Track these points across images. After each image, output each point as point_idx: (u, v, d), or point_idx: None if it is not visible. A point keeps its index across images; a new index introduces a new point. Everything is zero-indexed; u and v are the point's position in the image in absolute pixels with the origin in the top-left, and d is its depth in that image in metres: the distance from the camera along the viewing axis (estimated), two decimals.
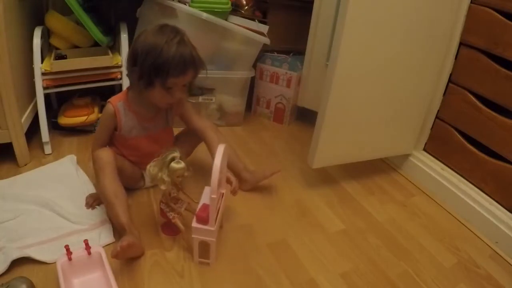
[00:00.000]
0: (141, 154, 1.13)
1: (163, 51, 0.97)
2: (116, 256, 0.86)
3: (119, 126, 1.08)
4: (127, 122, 1.08)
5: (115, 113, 1.06)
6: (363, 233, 1.16)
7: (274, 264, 1.00)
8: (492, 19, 1.13)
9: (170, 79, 0.99)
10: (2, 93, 1.12)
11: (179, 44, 0.99)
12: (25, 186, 1.16)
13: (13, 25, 1.21)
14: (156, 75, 0.99)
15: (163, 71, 0.98)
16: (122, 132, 1.09)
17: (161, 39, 0.98)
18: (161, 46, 0.97)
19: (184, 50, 0.99)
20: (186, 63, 0.99)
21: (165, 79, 0.99)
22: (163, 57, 0.97)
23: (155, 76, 0.99)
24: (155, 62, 0.97)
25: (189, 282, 0.92)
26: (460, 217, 1.27)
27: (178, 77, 1.00)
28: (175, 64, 0.98)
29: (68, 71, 1.31)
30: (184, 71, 1.00)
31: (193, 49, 1.02)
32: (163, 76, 0.99)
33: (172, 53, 0.97)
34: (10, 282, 0.81)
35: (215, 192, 0.85)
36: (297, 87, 1.71)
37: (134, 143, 1.12)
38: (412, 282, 1.00)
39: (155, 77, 0.99)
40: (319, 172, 1.41)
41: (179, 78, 1.01)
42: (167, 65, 0.97)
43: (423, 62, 1.25)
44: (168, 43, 0.98)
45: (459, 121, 1.29)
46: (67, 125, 1.44)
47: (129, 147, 1.12)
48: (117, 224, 0.98)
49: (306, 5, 1.55)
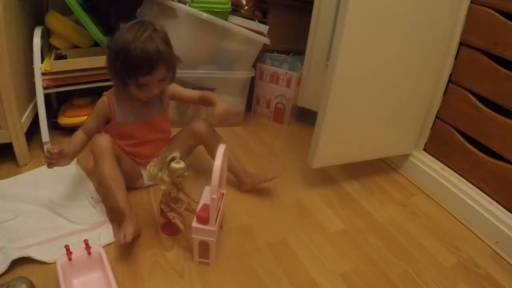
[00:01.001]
0: (138, 143, 1.15)
1: (129, 51, 0.97)
2: (121, 246, 0.94)
3: (113, 114, 1.10)
4: (121, 110, 1.10)
5: (109, 104, 1.09)
6: (363, 233, 1.16)
7: (274, 264, 1.00)
8: (492, 19, 1.13)
9: (140, 78, 1.00)
10: (2, 93, 1.12)
11: (145, 41, 0.97)
12: (25, 186, 1.16)
13: (13, 25, 1.21)
14: (127, 76, 1.00)
15: (131, 71, 0.99)
16: (116, 119, 1.10)
17: (128, 38, 0.98)
18: (128, 46, 0.97)
19: (150, 47, 0.97)
20: (153, 61, 0.98)
21: (136, 79, 1.00)
22: (129, 58, 0.97)
23: (127, 76, 1.00)
24: (123, 63, 0.99)
25: (189, 282, 0.92)
26: (460, 217, 1.27)
27: (147, 76, 1.00)
28: (141, 64, 0.98)
29: (68, 71, 1.31)
30: (152, 69, 1.00)
31: (163, 44, 1.00)
32: (133, 76, 1.00)
33: (138, 52, 0.96)
34: (10, 282, 0.81)
35: (215, 192, 0.85)
36: (297, 87, 1.71)
37: (129, 130, 1.13)
38: (412, 282, 1.00)
39: (127, 78, 1.00)
40: (319, 172, 1.41)
41: (148, 76, 1.01)
42: (133, 65, 0.98)
43: (423, 62, 1.25)
44: (134, 42, 0.97)
45: (459, 121, 1.29)
46: (67, 125, 1.44)
47: (124, 136, 1.13)
48: (117, 208, 1.01)
49: (306, 5, 1.55)
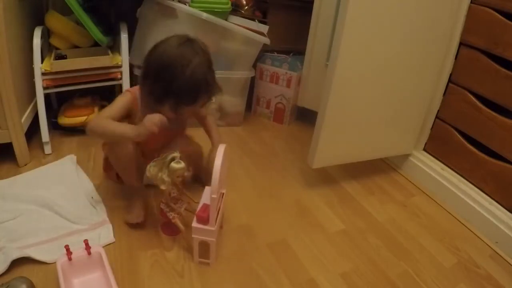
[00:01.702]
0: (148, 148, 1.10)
1: (176, 77, 0.91)
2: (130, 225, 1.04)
3: (136, 112, 1.04)
4: (144, 111, 1.04)
5: (133, 100, 1.03)
6: (363, 233, 1.16)
7: (274, 264, 1.00)
8: (492, 19, 1.13)
9: (180, 106, 0.97)
10: (2, 93, 1.12)
11: (195, 69, 0.92)
12: (25, 186, 1.16)
13: (13, 25, 1.21)
14: (166, 98, 0.95)
15: (173, 97, 0.94)
16: (136, 120, 1.04)
17: (177, 59, 0.92)
18: (175, 70, 0.91)
19: (200, 76, 0.93)
20: (199, 92, 0.95)
21: (175, 105, 0.96)
22: (174, 84, 0.92)
23: (165, 98, 0.95)
24: (167, 86, 0.93)
25: (189, 282, 0.92)
26: (460, 217, 1.27)
27: (189, 106, 0.97)
28: (187, 94, 0.94)
29: (68, 71, 1.31)
30: (196, 99, 0.96)
31: (210, 73, 0.96)
32: (173, 102, 0.95)
33: (186, 82, 0.91)
34: (10, 282, 0.81)
35: (215, 192, 0.86)
36: (297, 87, 1.71)
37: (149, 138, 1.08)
38: (412, 282, 1.00)
39: (164, 98, 0.95)
40: (319, 172, 1.41)
41: (190, 106, 0.97)
42: (178, 93, 0.93)
43: (423, 62, 1.25)
44: (184, 67, 0.91)
45: (459, 121, 1.29)
46: (67, 125, 1.44)
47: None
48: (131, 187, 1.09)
49: (306, 5, 1.55)
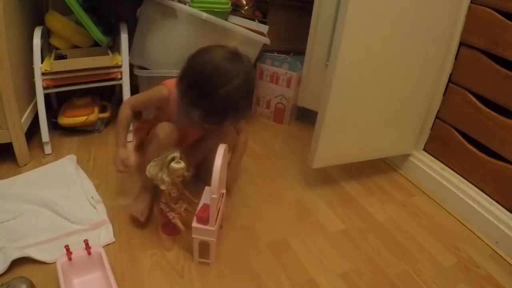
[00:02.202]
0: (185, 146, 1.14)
1: (211, 93, 0.90)
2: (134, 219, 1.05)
3: (171, 109, 1.05)
4: (179, 116, 1.05)
5: (168, 97, 1.04)
6: (363, 233, 1.16)
7: (274, 264, 1.00)
8: (492, 19, 1.13)
9: (206, 122, 0.98)
10: (2, 93, 1.12)
11: (230, 92, 0.90)
12: (25, 186, 1.16)
13: (13, 25, 1.21)
14: (200, 108, 0.95)
15: (201, 111, 0.94)
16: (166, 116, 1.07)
17: (217, 75, 0.90)
18: (212, 85, 0.90)
19: (233, 101, 0.92)
20: (227, 116, 0.95)
21: (202, 119, 0.96)
22: (208, 99, 0.91)
23: (199, 108, 0.95)
24: (199, 97, 0.92)
25: (189, 282, 0.92)
26: (460, 217, 1.27)
27: (217, 124, 0.99)
28: (215, 114, 0.94)
29: (68, 71, 1.31)
30: (222, 122, 0.98)
31: (245, 97, 0.95)
32: (201, 115, 0.95)
33: (218, 101, 0.91)
34: (10, 282, 0.81)
35: (215, 192, 0.86)
36: (297, 87, 1.71)
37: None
38: (412, 282, 1.00)
39: (198, 109, 0.95)
40: (319, 172, 1.41)
41: (218, 123, 0.99)
42: (207, 110, 0.93)
43: (423, 62, 1.25)
44: (221, 86, 0.89)
45: (459, 121, 1.29)
46: (67, 125, 1.44)
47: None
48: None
49: (306, 5, 1.55)
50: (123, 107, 1.08)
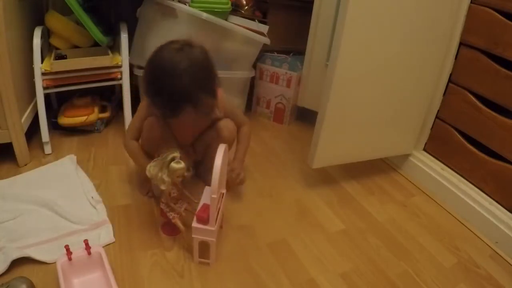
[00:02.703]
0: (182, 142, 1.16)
1: (159, 83, 0.90)
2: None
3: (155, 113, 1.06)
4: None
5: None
6: (363, 233, 1.16)
7: (274, 264, 1.00)
8: (492, 19, 1.13)
9: (167, 115, 0.97)
10: (2, 93, 1.12)
11: (175, 76, 0.88)
12: (25, 186, 1.16)
13: (13, 25, 1.21)
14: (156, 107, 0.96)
15: (157, 108, 0.95)
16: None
17: (164, 69, 0.90)
18: (158, 76, 0.90)
19: (178, 87, 0.89)
20: (179, 105, 0.91)
21: (161, 112, 0.97)
22: (157, 96, 0.92)
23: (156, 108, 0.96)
24: (151, 98, 0.94)
25: (189, 282, 0.92)
26: (460, 217, 1.27)
27: (172, 118, 0.95)
28: (167, 107, 0.93)
29: (68, 71, 1.31)
30: (176, 112, 0.92)
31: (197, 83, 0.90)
32: (159, 113, 0.97)
33: (166, 90, 0.90)
34: (10, 282, 0.81)
35: (215, 192, 0.85)
36: (297, 87, 1.71)
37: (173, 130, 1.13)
38: (412, 282, 1.00)
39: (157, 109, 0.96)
40: (319, 172, 1.41)
41: (172, 116, 0.94)
42: (160, 106, 0.94)
43: (423, 62, 1.25)
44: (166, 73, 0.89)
45: (459, 121, 1.29)
46: (67, 125, 1.44)
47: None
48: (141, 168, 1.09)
49: (306, 5, 1.55)
50: (126, 143, 1.13)
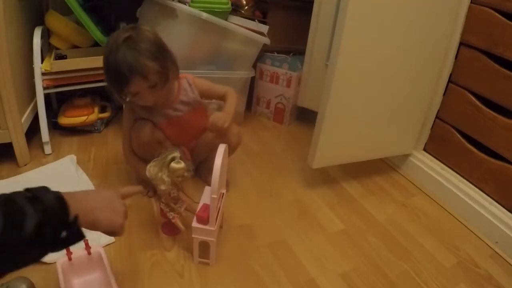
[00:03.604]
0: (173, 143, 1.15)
1: (107, 62, 0.96)
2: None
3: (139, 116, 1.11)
4: (146, 111, 1.10)
5: (131, 108, 1.11)
6: (363, 233, 1.16)
7: (274, 264, 1.00)
8: (492, 19, 1.13)
9: (121, 90, 0.99)
10: (2, 93, 1.12)
11: (117, 52, 0.93)
12: (25, 186, 1.15)
13: (13, 25, 1.21)
14: (111, 87, 1.00)
15: (110, 83, 0.99)
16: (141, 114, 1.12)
17: (108, 48, 0.96)
18: (106, 57, 0.96)
19: (123, 57, 0.93)
20: (123, 74, 0.93)
21: (118, 90, 1.00)
22: (106, 69, 0.98)
23: (111, 88, 1.01)
24: (104, 74, 0.99)
25: (189, 282, 0.92)
26: (460, 217, 1.27)
27: (124, 88, 0.97)
28: (114, 76, 0.96)
29: (68, 71, 1.31)
30: (125, 81, 0.95)
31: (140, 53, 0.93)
32: (113, 88, 1.00)
33: (111, 64, 0.95)
34: (10, 282, 0.81)
35: (215, 192, 0.86)
36: (297, 87, 1.71)
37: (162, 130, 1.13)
38: (412, 282, 1.00)
39: (113, 89, 1.01)
40: (319, 172, 1.41)
41: (127, 88, 0.97)
42: (109, 77, 0.98)
43: (423, 62, 1.25)
44: (111, 52, 0.94)
45: (459, 121, 1.29)
46: (67, 125, 1.44)
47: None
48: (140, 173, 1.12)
49: (306, 5, 1.55)
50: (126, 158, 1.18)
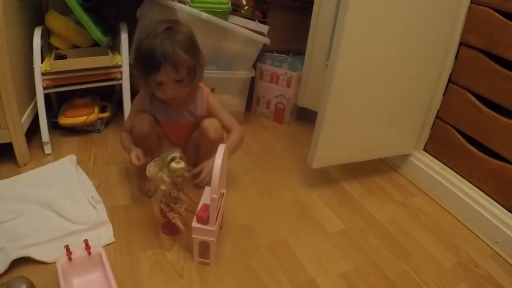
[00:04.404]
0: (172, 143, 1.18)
1: (140, 48, 0.97)
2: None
3: (146, 108, 1.13)
4: (153, 106, 1.12)
5: (143, 97, 1.13)
6: (363, 233, 1.16)
7: (274, 264, 1.00)
8: (492, 19, 1.13)
9: (149, 76, 0.99)
10: (2, 93, 1.12)
11: (155, 38, 0.94)
12: (25, 186, 1.16)
13: (13, 25, 1.21)
14: (140, 73, 1.01)
15: (140, 68, 1.00)
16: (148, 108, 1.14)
17: (143, 35, 0.97)
18: (140, 43, 0.97)
19: (160, 44, 0.94)
20: (156, 60, 0.95)
21: (146, 76, 1.00)
22: (139, 55, 0.97)
23: (140, 73, 1.01)
24: (136, 58, 0.99)
25: (189, 282, 0.92)
26: (460, 217, 1.27)
27: (153, 74, 0.98)
28: (146, 61, 0.96)
29: (68, 71, 1.31)
30: (156, 68, 0.96)
31: (177, 44, 0.96)
32: (142, 73, 1.00)
33: (145, 50, 0.95)
34: (10, 282, 0.81)
35: (215, 192, 0.85)
36: (297, 87, 1.71)
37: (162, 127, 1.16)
38: (412, 282, 1.00)
39: (141, 74, 1.01)
40: (319, 172, 1.41)
41: (155, 75, 0.98)
42: (141, 61, 0.98)
43: (423, 62, 1.25)
44: (148, 37, 0.95)
45: (459, 121, 1.29)
46: (67, 125, 1.44)
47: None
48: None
49: (306, 5, 1.55)
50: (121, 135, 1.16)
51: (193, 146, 1.22)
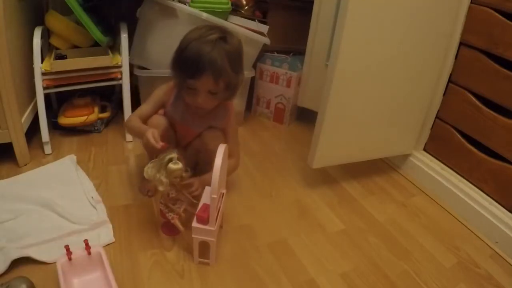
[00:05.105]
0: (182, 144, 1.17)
1: (187, 48, 0.94)
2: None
3: (167, 103, 1.10)
4: (174, 104, 1.10)
5: (168, 91, 1.10)
6: (363, 233, 1.16)
7: (274, 264, 1.00)
8: (492, 19, 1.13)
9: (187, 79, 0.97)
10: (2, 93, 1.12)
11: (206, 44, 0.92)
12: (25, 186, 1.16)
13: (13, 25, 1.21)
14: (178, 71, 0.99)
15: (180, 68, 0.98)
16: (167, 109, 1.11)
17: (194, 35, 0.95)
18: (188, 43, 0.95)
19: (207, 51, 0.92)
20: (201, 66, 0.93)
21: (183, 77, 0.98)
22: (183, 54, 0.95)
23: (178, 72, 0.99)
24: (178, 55, 0.98)
25: (189, 282, 0.92)
26: (460, 217, 1.27)
27: (193, 78, 0.96)
28: (190, 63, 0.94)
29: (68, 71, 1.31)
30: (197, 73, 0.94)
31: (220, 53, 0.93)
32: (181, 73, 0.98)
33: (192, 52, 0.93)
34: (10, 282, 0.81)
35: (215, 192, 0.85)
36: (297, 87, 1.71)
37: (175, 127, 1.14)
38: (412, 282, 1.00)
39: (178, 73, 0.99)
40: (319, 172, 1.41)
41: (194, 80, 0.96)
42: (184, 63, 0.96)
43: (423, 62, 1.25)
44: (197, 40, 0.94)
45: (459, 121, 1.29)
46: (67, 125, 1.44)
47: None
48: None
49: (306, 5, 1.55)
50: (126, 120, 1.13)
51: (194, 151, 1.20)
